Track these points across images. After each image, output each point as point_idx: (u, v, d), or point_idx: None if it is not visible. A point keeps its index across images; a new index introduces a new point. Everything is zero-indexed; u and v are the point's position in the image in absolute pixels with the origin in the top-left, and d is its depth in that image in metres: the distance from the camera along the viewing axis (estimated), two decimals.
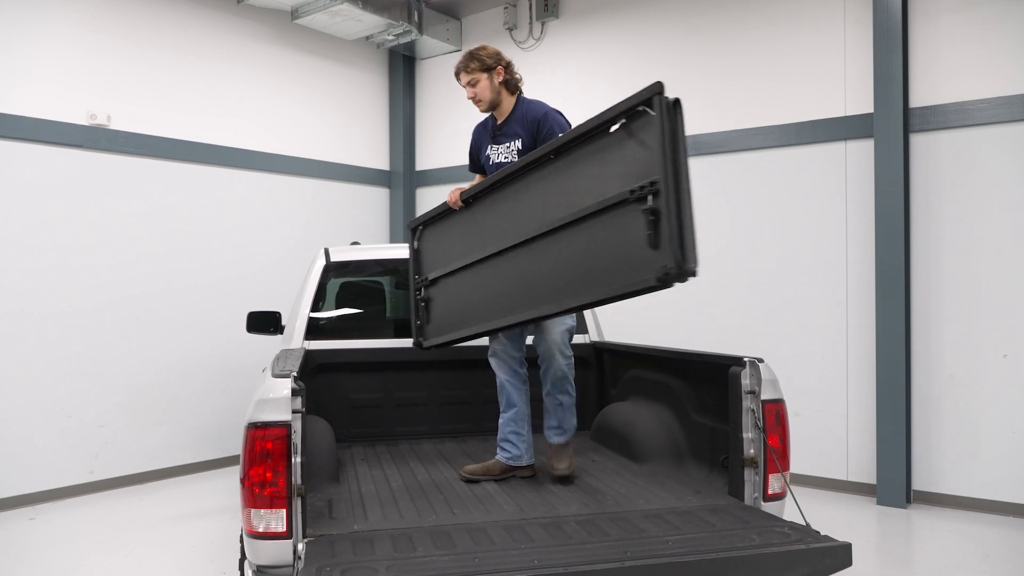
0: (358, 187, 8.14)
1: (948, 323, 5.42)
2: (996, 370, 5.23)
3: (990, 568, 4.27)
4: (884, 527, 5.11)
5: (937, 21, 5.47)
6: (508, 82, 3.69)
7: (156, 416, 6.35)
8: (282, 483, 2.54)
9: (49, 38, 5.76)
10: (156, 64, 6.42)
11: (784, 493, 3.06)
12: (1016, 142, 5.17)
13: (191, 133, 6.63)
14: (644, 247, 2.54)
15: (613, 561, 2.38)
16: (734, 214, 6.32)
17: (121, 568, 4.35)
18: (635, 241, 2.58)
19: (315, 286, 4.42)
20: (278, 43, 7.39)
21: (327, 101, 7.88)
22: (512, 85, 3.71)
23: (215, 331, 6.67)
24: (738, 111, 6.31)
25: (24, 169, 5.62)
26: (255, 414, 2.57)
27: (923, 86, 5.52)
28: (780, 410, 3.06)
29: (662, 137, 2.69)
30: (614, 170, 2.69)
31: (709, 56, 6.49)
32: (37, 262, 5.66)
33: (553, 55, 7.53)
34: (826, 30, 5.91)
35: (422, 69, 8.61)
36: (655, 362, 4.03)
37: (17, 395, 5.56)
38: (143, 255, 6.27)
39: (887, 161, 5.50)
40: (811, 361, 5.92)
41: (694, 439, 3.58)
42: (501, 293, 3.23)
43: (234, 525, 4.97)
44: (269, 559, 2.59)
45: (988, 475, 5.26)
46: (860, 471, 5.73)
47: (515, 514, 2.94)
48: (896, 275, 5.46)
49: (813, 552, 2.49)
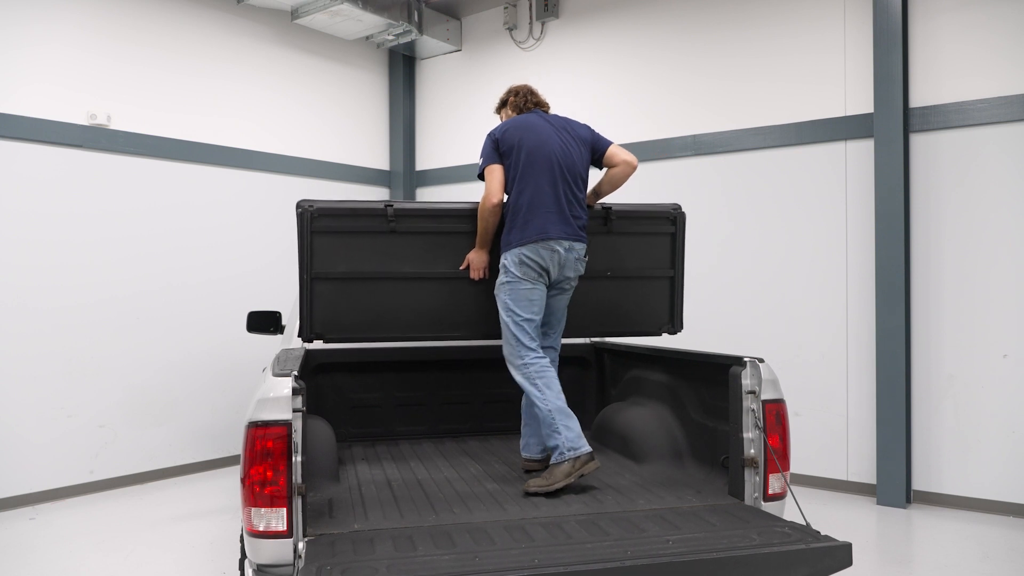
0: (358, 187, 8.14)
1: (948, 323, 5.42)
2: (996, 370, 5.24)
3: (990, 568, 4.27)
4: (884, 527, 5.11)
5: (937, 21, 5.47)
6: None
7: (156, 416, 6.35)
8: (282, 482, 2.54)
9: (49, 38, 5.76)
10: (156, 64, 6.42)
11: (784, 493, 3.06)
12: (1016, 142, 5.17)
13: (191, 133, 6.64)
14: (656, 309, 3.91)
15: (613, 561, 2.38)
16: (734, 214, 6.32)
17: (121, 568, 4.35)
18: (650, 303, 3.90)
19: None
20: (278, 43, 7.39)
21: (327, 101, 7.89)
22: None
23: (215, 330, 6.68)
24: (738, 111, 6.32)
25: (24, 169, 5.62)
26: (256, 413, 2.57)
27: (923, 86, 5.52)
28: (780, 410, 3.06)
29: (674, 244, 3.97)
30: (641, 253, 3.92)
31: (709, 56, 6.50)
32: (37, 262, 5.67)
33: (553, 55, 7.53)
34: (826, 30, 5.92)
35: (422, 69, 8.61)
36: (655, 362, 4.03)
37: (17, 395, 5.56)
38: (143, 254, 6.28)
39: (887, 161, 5.50)
40: (811, 361, 5.93)
41: (694, 439, 3.58)
42: (435, 310, 3.62)
43: (234, 525, 4.97)
44: (269, 558, 2.59)
45: (988, 475, 5.26)
46: (860, 471, 5.73)
47: (516, 514, 2.94)
48: (896, 275, 5.46)
49: (813, 552, 2.49)
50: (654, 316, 3.91)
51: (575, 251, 3.57)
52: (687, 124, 6.60)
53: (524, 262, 3.48)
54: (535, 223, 3.48)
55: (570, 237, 3.53)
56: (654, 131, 6.77)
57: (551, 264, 3.51)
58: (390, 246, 3.55)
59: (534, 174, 3.53)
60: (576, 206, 3.61)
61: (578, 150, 3.67)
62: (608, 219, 3.82)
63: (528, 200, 3.51)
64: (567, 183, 3.58)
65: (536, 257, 3.48)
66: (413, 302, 3.59)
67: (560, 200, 3.55)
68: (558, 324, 3.77)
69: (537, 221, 3.48)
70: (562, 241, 3.50)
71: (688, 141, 6.56)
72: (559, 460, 3.26)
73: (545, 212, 3.50)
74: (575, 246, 3.57)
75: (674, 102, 6.69)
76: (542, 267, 3.50)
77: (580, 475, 3.24)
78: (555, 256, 3.50)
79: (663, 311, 3.93)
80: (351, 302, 3.55)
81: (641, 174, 6.77)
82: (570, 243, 3.54)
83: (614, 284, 3.84)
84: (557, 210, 3.52)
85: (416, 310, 3.59)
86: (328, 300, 3.53)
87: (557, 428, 3.30)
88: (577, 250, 3.58)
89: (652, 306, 3.88)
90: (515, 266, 3.49)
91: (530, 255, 3.47)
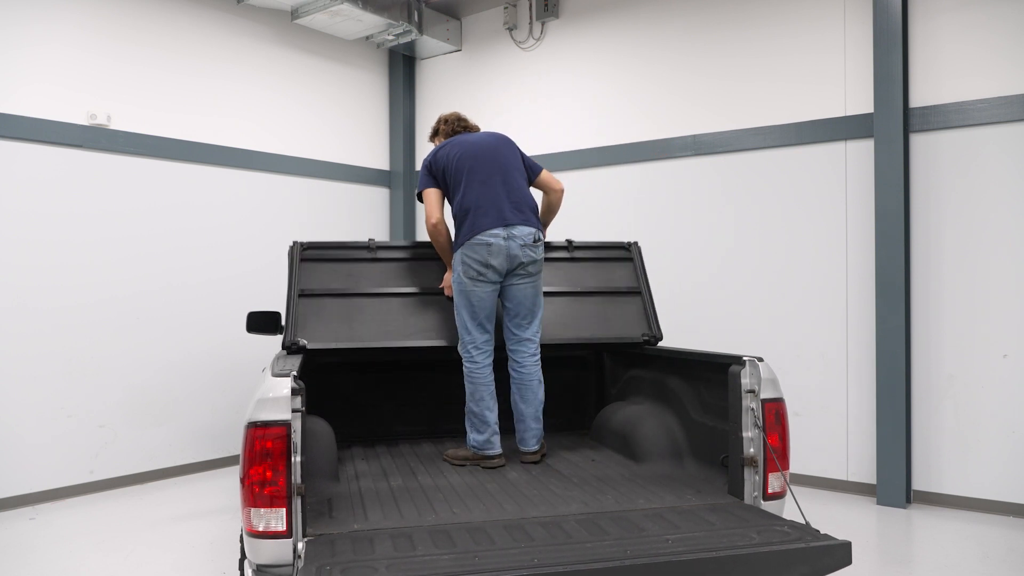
0: (358, 187, 8.15)
1: (948, 323, 5.42)
2: (996, 370, 5.23)
3: (990, 568, 4.27)
4: (884, 527, 5.11)
5: (937, 21, 5.47)
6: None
7: (156, 416, 6.35)
8: (282, 482, 2.54)
9: (49, 38, 5.76)
10: (156, 64, 6.42)
11: (784, 492, 3.06)
12: (1016, 142, 5.17)
13: (191, 133, 6.64)
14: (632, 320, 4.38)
15: (613, 560, 2.38)
16: (733, 215, 6.32)
17: (121, 568, 4.35)
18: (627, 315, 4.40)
19: None
20: (278, 43, 7.39)
21: (327, 101, 7.89)
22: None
23: (215, 330, 6.68)
24: (738, 111, 6.32)
25: (24, 169, 5.62)
26: (255, 413, 2.57)
27: (923, 86, 5.52)
28: (780, 409, 3.06)
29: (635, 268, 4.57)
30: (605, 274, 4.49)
31: (709, 56, 6.50)
32: (37, 261, 5.67)
33: (553, 55, 7.53)
34: (826, 30, 5.92)
35: (422, 69, 8.61)
36: (654, 362, 4.03)
37: (17, 395, 5.56)
38: (143, 254, 6.28)
39: (887, 161, 5.50)
40: (811, 361, 5.93)
41: (694, 438, 3.58)
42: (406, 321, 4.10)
43: (234, 525, 4.97)
44: (269, 558, 2.60)
45: (988, 475, 5.26)
46: (860, 471, 5.73)
47: (515, 513, 2.94)
48: (896, 275, 5.46)
49: (813, 550, 2.49)
50: (632, 326, 4.31)
51: (516, 238, 3.74)
52: (687, 124, 6.60)
53: (464, 261, 3.75)
54: (470, 222, 3.76)
55: (507, 224, 3.73)
56: (654, 131, 6.77)
57: (492, 257, 3.71)
58: (367, 270, 4.16)
59: (469, 181, 3.81)
60: (516, 194, 3.83)
61: (506, 148, 3.96)
62: (569, 249, 4.47)
63: (467, 204, 3.79)
64: (502, 176, 3.84)
65: (473, 255, 3.73)
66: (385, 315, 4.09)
67: (497, 195, 3.78)
68: (529, 314, 3.90)
69: (472, 220, 3.75)
70: (497, 230, 3.71)
71: (688, 141, 6.57)
72: (468, 446, 3.84)
73: (480, 210, 3.75)
74: (515, 233, 3.74)
75: (674, 102, 6.69)
76: (483, 263, 3.72)
77: (478, 466, 3.75)
78: (492, 248, 3.71)
79: (640, 321, 4.33)
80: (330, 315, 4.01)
81: (641, 174, 6.83)
82: (507, 230, 3.73)
83: (593, 298, 4.37)
84: (494, 205, 3.76)
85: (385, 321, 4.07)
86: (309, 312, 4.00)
87: (473, 427, 3.80)
88: (520, 236, 3.75)
89: (628, 318, 4.35)
90: (459, 266, 3.79)
91: (468, 253, 3.74)
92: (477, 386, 3.81)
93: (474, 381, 3.82)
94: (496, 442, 3.78)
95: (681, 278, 6.53)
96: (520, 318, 3.89)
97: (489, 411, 3.78)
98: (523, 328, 3.90)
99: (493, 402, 3.82)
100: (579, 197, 6.94)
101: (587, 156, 7.18)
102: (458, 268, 3.80)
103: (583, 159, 7.19)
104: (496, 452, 3.77)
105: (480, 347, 3.81)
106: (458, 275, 3.80)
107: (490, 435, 3.77)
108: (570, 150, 7.30)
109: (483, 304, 3.79)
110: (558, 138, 7.42)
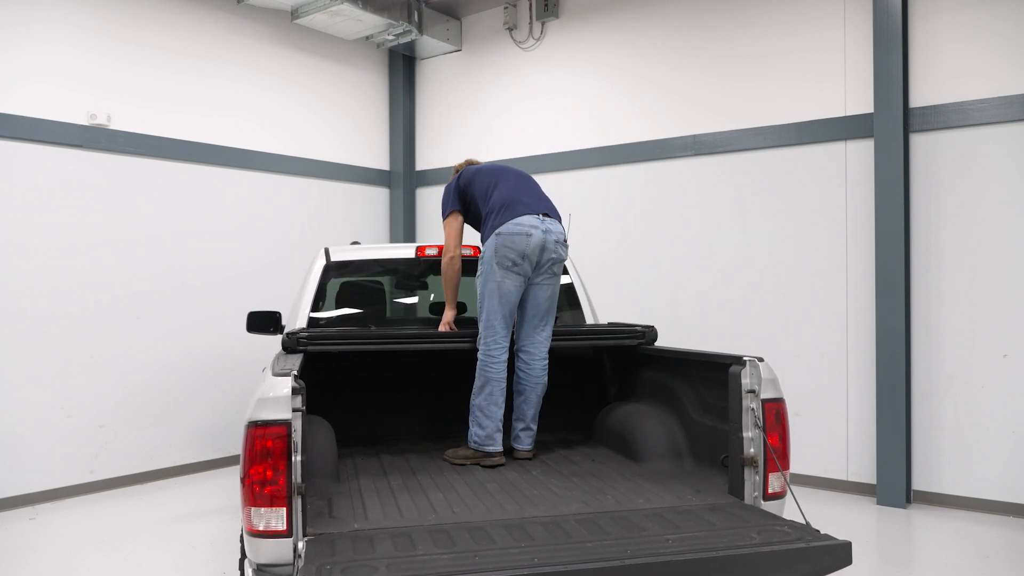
0: (358, 187, 8.15)
1: (948, 323, 5.42)
2: (996, 370, 5.23)
3: (990, 568, 4.27)
4: (884, 527, 5.11)
5: (937, 21, 5.47)
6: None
7: (156, 416, 6.35)
8: (282, 481, 2.54)
9: (49, 38, 5.76)
10: (156, 64, 6.42)
11: (784, 492, 3.06)
12: (1016, 142, 5.17)
13: (191, 133, 6.64)
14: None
15: (613, 560, 2.37)
16: (733, 214, 6.33)
17: (121, 568, 4.35)
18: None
19: (315, 286, 4.42)
20: (278, 43, 7.39)
21: (327, 101, 7.89)
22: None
23: (215, 330, 6.68)
24: (738, 111, 6.32)
25: (24, 169, 5.62)
26: (255, 413, 2.57)
27: (923, 86, 5.52)
28: (780, 409, 3.06)
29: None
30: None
31: (709, 56, 6.50)
32: (37, 261, 5.67)
33: (553, 55, 7.54)
34: (826, 30, 5.92)
35: (422, 69, 8.61)
36: (655, 361, 4.03)
37: (18, 395, 5.56)
38: (143, 255, 6.28)
39: (887, 161, 5.50)
40: (811, 361, 5.93)
41: (694, 438, 3.58)
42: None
43: (234, 525, 4.97)
44: (269, 558, 2.59)
45: (988, 475, 5.26)
46: (860, 471, 5.73)
47: (515, 513, 2.93)
48: (896, 275, 5.46)
49: (813, 550, 2.49)
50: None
51: (552, 232, 3.80)
52: (687, 124, 6.60)
53: (499, 250, 3.74)
54: (507, 212, 3.79)
55: (543, 213, 3.82)
56: (654, 131, 6.77)
57: (528, 246, 3.73)
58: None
59: (500, 181, 3.93)
60: (545, 198, 3.98)
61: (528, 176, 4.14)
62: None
63: (502, 198, 3.84)
64: (531, 185, 4.01)
65: (511, 243, 3.73)
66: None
67: (530, 193, 3.91)
68: (546, 315, 3.92)
69: (510, 209, 3.79)
70: (534, 220, 3.76)
71: (688, 141, 6.57)
72: (468, 445, 3.80)
73: (517, 202, 3.82)
74: (550, 227, 3.80)
75: (674, 102, 6.69)
76: (519, 252, 3.73)
77: (478, 465, 3.72)
78: (532, 239, 3.73)
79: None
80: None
81: (641, 174, 6.83)
82: (544, 222, 3.79)
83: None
84: (529, 198, 3.86)
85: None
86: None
87: (476, 421, 3.77)
88: (554, 232, 3.82)
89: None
90: (491, 256, 3.77)
91: (504, 242, 3.73)
92: (490, 381, 3.78)
93: (488, 376, 3.78)
94: (498, 439, 3.77)
95: (680, 278, 6.53)
96: (537, 319, 3.89)
97: (496, 407, 3.77)
98: (539, 330, 3.90)
99: (502, 399, 3.80)
100: (579, 197, 6.94)
101: (587, 156, 7.18)
102: (489, 259, 3.76)
103: (583, 159, 7.19)
104: (497, 449, 3.76)
105: (499, 342, 3.79)
106: (489, 266, 3.76)
107: (492, 431, 3.76)
108: (570, 150, 7.30)
109: (510, 297, 3.77)
110: (558, 138, 7.42)
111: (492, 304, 3.76)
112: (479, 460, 3.75)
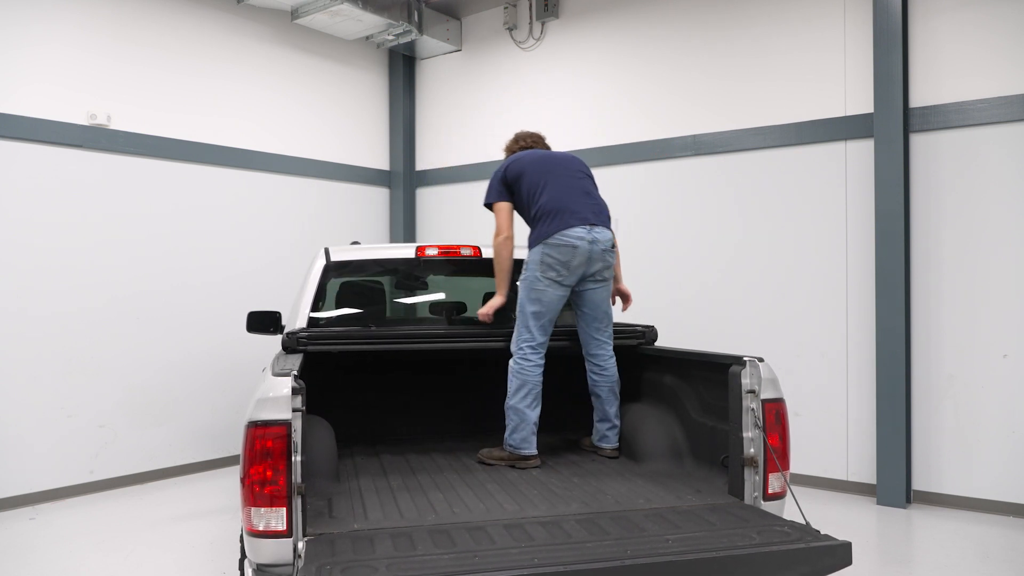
0: (358, 187, 8.15)
1: (948, 323, 5.42)
2: (996, 370, 5.23)
3: (990, 568, 4.27)
4: (884, 527, 5.11)
5: (937, 21, 5.47)
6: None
7: (156, 416, 6.35)
8: (282, 481, 2.54)
9: (49, 38, 5.76)
10: (156, 64, 6.42)
11: (784, 492, 3.06)
12: (1016, 142, 5.17)
13: (191, 133, 6.64)
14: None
15: (613, 560, 2.37)
16: (733, 214, 6.32)
17: (121, 568, 4.35)
18: None
19: (315, 285, 4.42)
20: (278, 43, 7.39)
21: (327, 101, 7.89)
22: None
23: (215, 330, 6.68)
24: (738, 111, 6.32)
25: (24, 169, 5.62)
26: (255, 413, 2.57)
27: (923, 86, 5.52)
28: (780, 409, 3.06)
29: None
30: None
31: (709, 56, 6.50)
32: (37, 261, 5.67)
33: (553, 55, 7.53)
34: (826, 29, 5.92)
35: (422, 69, 8.61)
36: (655, 361, 4.03)
37: (18, 395, 5.56)
38: (143, 255, 6.28)
39: (887, 161, 5.50)
40: (811, 361, 5.93)
41: (694, 438, 3.58)
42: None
43: (234, 525, 4.97)
44: (269, 558, 2.59)
45: (988, 475, 5.26)
46: (860, 471, 5.73)
47: (515, 513, 2.93)
48: (896, 275, 5.46)
49: (813, 551, 2.49)
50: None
51: (599, 242, 3.77)
52: (687, 124, 6.60)
53: (544, 260, 3.72)
54: (555, 221, 3.73)
55: (591, 223, 3.76)
56: (654, 131, 6.77)
57: (575, 259, 3.71)
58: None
59: (549, 182, 3.84)
60: (595, 198, 3.90)
61: (581, 164, 4.06)
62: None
63: (549, 204, 3.78)
64: (580, 183, 3.91)
65: (557, 254, 3.71)
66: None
67: (579, 198, 3.83)
68: (605, 316, 3.94)
69: (557, 218, 3.73)
70: (581, 231, 3.71)
71: (688, 141, 6.57)
72: (504, 446, 3.76)
73: (565, 210, 3.76)
74: (597, 236, 3.76)
75: (674, 102, 6.69)
76: (565, 264, 3.71)
77: (513, 467, 3.68)
78: (578, 251, 3.70)
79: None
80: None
81: (641, 174, 6.82)
82: (590, 232, 3.74)
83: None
84: (577, 205, 3.78)
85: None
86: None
87: (512, 423, 3.73)
88: (601, 241, 3.78)
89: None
90: (536, 264, 3.75)
91: (550, 253, 3.72)
92: (526, 384, 3.75)
93: (524, 379, 3.75)
94: (533, 441, 3.74)
95: (680, 277, 6.53)
96: (598, 322, 3.90)
97: (530, 410, 3.74)
98: (601, 332, 3.92)
99: (537, 402, 3.77)
100: None
101: (587, 156, 7.09)
102: (534, 267, 3.76)
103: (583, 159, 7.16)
104: (532, 452, 3.72)
105: (536, 348, 3.78)
106: (532, 274, 3.76)
107: (528, 434, 3.72)
108: (570, 150, 7.29)
109: (551, 307, 3.76)
110: (558, 138, 7.36)
111: (532, 310, 3.75)
112: (514, 462, 3.73)
